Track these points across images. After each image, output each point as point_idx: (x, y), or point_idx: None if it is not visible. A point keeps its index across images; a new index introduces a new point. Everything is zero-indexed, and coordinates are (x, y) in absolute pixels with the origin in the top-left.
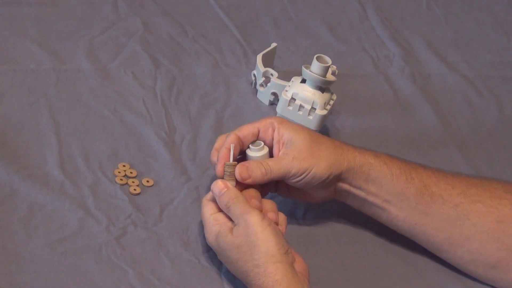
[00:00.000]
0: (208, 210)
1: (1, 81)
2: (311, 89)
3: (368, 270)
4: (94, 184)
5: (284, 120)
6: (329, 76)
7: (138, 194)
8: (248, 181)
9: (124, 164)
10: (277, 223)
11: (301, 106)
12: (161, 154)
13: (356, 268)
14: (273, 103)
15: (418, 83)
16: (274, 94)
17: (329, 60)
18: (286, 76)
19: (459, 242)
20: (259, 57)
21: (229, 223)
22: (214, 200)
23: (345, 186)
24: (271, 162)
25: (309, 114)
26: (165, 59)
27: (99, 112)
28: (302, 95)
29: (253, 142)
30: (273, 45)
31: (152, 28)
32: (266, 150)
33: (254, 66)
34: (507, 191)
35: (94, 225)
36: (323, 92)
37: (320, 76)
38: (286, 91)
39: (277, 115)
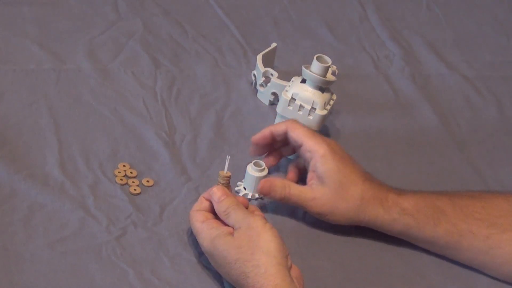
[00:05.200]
0: (199, 219)
1: (1, 81)
2: (311, 89)
3: (368, 270)
4: (94, 184)
5: (327, 152)
6: (329, 76)
7: (138, 194)
8: (266, 196)
9: (124, 164)
10: None
11: (301, 106)
12: (161, 154)
13: (356, 268)
14: (273, 103)
15: (418, 83)
16: (274, 94)
17: (329, 60)
18: (286, 76)
19: (493, 267)
20: (259, 57)
21: (225, 228)
22: (202, 210)
23: (369, 226)
24: (294, 190)
25: (309, 114)
26: (165, 59)
27: (99, 112)
28: (302, 95)
29: (255, 162)
30: (273, 45)
31: (152, 28)
32: (265, 172)
33: (254, 66)
34: None
35: (94, 225)
36: (323, 92)
37: (320, 76)
38: (286, 91)
39: (277, 115)
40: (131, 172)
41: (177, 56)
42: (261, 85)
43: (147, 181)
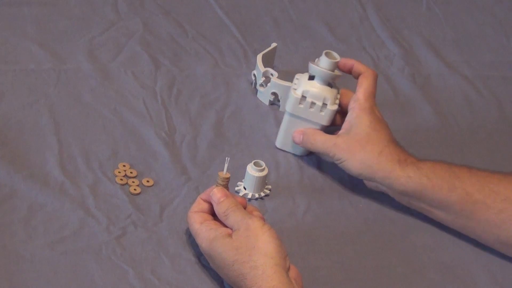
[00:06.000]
0: (197, 220)
1: (1, 81)
2: (320, 85)
3: (368, 270)
4: (94, 184)
5: (367, 107)
6: (336, 71)
7: (138, 194)
8: (299, 145)
9: (124, 164)
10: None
11: (312, 103)
12: (161, 154)
13: (356, 268)
14: (273, 103)
15: (418, 83)
16: (274, 94)
17: (337, 56)
18: (286, 76)
19: (509, 242)
20: (259, 57)
21: (224, 229)
22: (199, 211)
23: (385, 188)
24: (320, 137)
25: (320, 110)
26: (165, 59)
27: (99, 112)
28: (313, 92)
29: (255, 162)
30: (273, 45)
31: (152, 28)
32: (266, 172)
33: (254, 66)
34: None
35: (94, 225)
36: (331, 88)
37: (330, 71)
38: (295, 89)
39: (285, 113)
40: (131, 172)
41: (177, 56)
42: (261, 85)
43: (147, 181)
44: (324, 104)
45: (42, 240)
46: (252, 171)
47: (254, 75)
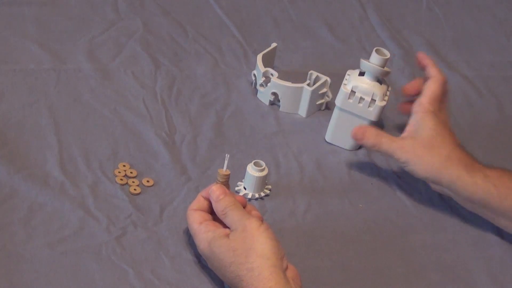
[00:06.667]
0: (196, 220)
1: (1, 81)
2: (369, 81)
3: (368, 270)
4: (94, 184)
5: (430, 111)
6: (386, 68)
7: (138, 194)
8: (359, 142)
9: (124, 164)
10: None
11: (361, 99)
12: (161, 154)
13: (356, 268)
14: (273, 103)
15: None
16: (274, 94)
17: (387, 53)
18: (286, 76)
19: None
20: (259, 57)
21: (222, 230)
22: (199, 210)
23: (450, 193)
24: (385, 138)
25: (369, 106)
26: (165, 59)
27: (99, 112)
28: (362, 88)
29: (255, 162)
30: (273, 45)
31: (152, 28)
32: (266, 172)
33: (254, 66)
34: None
35: (94, 225)
36: (381, 84)
37: (380, 67)
38: (345, 84)
39: (335, 108)
40: (131, 172)
41: (177, 56)
42: (261, 85)
43: (147, 181)
44: (373, 100)
45: (42, 240)
46: (252, 171)
47: (254, 75)
